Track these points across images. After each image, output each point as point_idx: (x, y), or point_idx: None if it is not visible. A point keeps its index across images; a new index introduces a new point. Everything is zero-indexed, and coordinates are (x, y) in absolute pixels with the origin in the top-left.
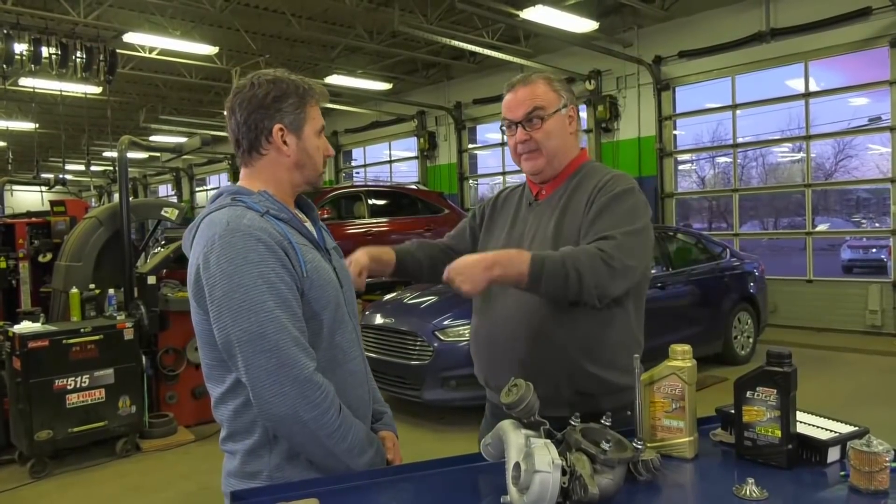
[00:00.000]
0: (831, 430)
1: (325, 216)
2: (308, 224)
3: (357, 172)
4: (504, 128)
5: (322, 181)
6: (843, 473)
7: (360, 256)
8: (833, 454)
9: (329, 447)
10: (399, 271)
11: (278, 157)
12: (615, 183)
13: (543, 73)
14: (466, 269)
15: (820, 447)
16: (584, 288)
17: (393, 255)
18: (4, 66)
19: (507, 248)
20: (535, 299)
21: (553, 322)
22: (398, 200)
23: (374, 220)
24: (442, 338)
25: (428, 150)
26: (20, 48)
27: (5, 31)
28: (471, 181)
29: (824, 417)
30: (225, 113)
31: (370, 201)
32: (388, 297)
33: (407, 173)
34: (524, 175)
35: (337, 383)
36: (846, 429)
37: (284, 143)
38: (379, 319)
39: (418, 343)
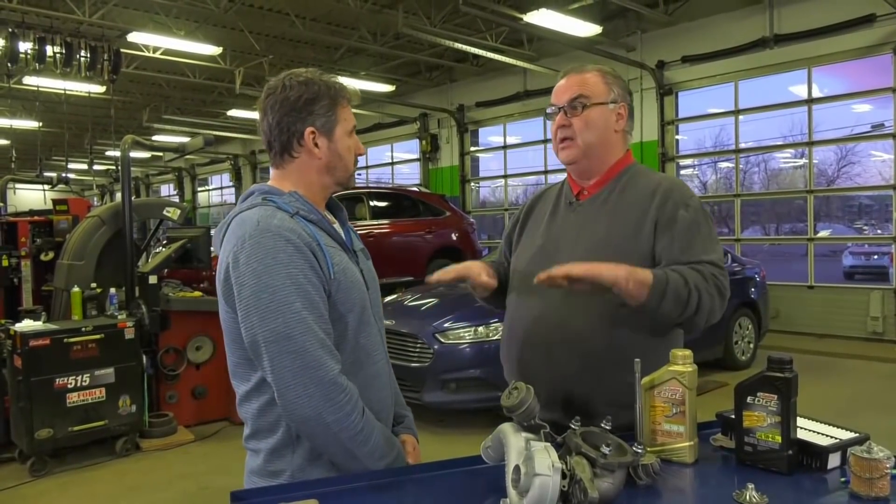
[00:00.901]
0: (832, 437)
1: None
2: (336, 225)
3: (359, 174)
4: (549, 113)
5: (353, 181)
6: (843, 480)
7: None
8: (833, 460)
9: (351, 449)
10: (497, 288)
11: (309, 160)
12: (683, 193)
13: (600, 65)
14: (593, 264)
15: (820, 453)
16: (700, 312)
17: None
18: (9, 64)
19: (545, 249)
20: (577, 305)
21: (594, 330)
22: (400, 202)
23: (376, 222)
24: (442, 340)
25: (430, 153)
26: (25, 47)
27: (10, 30)
28: (472, 184)
29: (825, 423)
30: (257, 114)
31: (372, 203)
32: (388, 298)
33: (409, 175)
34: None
35: (360, 385)
36: (847, 435)
37: (316, 145)
38: None
39: (418, 345)
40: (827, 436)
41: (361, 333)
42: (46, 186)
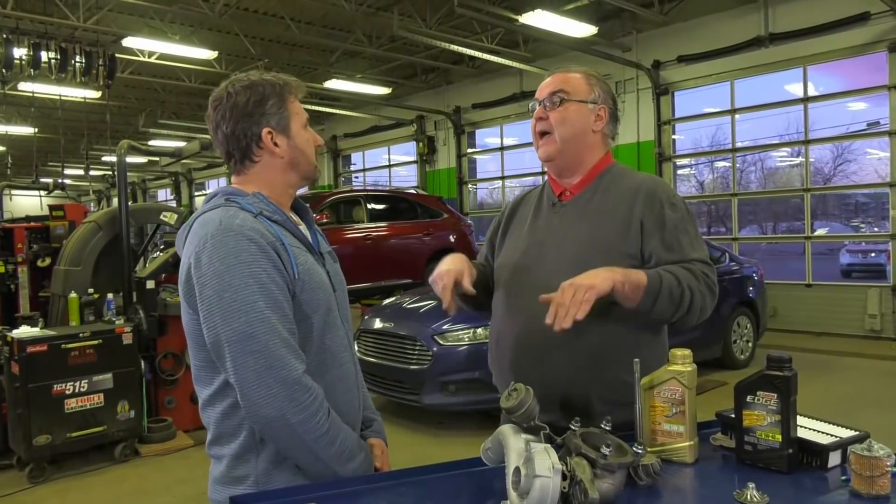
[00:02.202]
0: (832, 435)
1: (325, 221)
2: (303, 227)
3: (356, 177)
4: (531, 108)
5: (318, 174)
6: (843, 478)
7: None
8: (834, 458)
9: (315, 451)
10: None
11: (272, 160)
12: (667, 192)
13: (588, 68)
14: (586, 277)
15: (821, 451)
16: (692, 311)
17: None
18: (4, 70)
19: (530, 251)
20: None
21: (586, 329)
22: (397, 205)
23: (373, 225)
24: (441, 342)
25: (427, 155)
26: (19, 53)
27: (5, 36)
28: (470, 186)
29: (825, 422)
30: (208, 127)
31: (369, 206)
32: (387, 301)
33: (406, 178)
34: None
35: (326, 387)
36: (847, 433)
37: (276, 144)
38: (378, 324)
39: (417, 347)
40: (827, 434)
41: (327, 335)
42: (43, 192)
